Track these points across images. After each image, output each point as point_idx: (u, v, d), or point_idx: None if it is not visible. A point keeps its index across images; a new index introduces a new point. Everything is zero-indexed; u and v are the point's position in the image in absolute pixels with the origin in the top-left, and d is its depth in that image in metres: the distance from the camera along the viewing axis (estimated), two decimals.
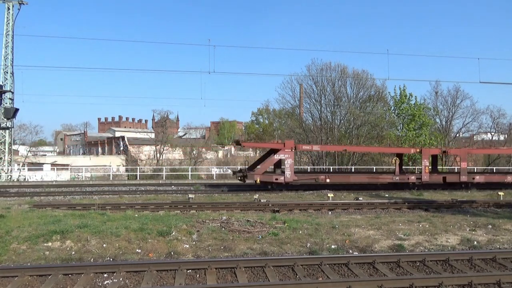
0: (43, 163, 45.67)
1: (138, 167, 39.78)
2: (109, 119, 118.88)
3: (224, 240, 9.81)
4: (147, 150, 59.19)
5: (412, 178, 23.17)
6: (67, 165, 48.19)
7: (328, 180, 22.46)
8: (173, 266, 7.48)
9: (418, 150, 25.04)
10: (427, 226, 11.73)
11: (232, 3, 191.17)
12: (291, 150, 22.22)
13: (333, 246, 9.56)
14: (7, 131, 34.19)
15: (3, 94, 32.77)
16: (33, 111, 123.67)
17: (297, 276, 7.31)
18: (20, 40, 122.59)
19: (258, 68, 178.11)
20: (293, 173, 22.02)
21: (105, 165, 47.73)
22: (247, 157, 67.99)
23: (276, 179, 21.69)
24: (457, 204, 15.93)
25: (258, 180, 21.41)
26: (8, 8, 34.34)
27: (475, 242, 10.13)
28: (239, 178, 22.67)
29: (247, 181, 22.62)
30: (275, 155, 22.33)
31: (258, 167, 23.76)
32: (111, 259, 8.54)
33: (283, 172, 22.09)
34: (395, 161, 23.82)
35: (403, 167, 27.28)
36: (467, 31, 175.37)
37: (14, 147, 42.06)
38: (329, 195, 17.58)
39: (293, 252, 9.18)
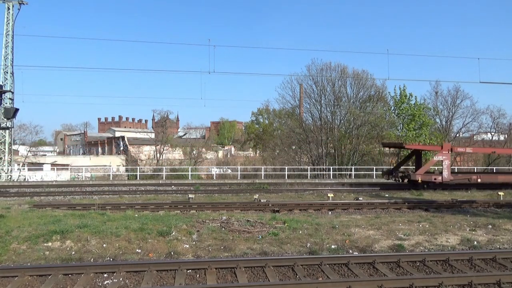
0: (43, 163, 45.66)
1: (138, 167, 39.77)
2: (109, 119, 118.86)
3: (224, 240, 9.81)
4: (147, 150, 59.22)
5: None
6: (67, 165, 48.19)
7: (479, 180, 23.70)
8: (173, 266, 7.47)
9: None
10: (427, 226, 11.72)
11: (232, 3, 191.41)
12: (448, 152, 23.65)
13: (333, 246, 9.56)
14: (7, 131, 34.17)
15: (3, 94, 32.74)
16: (33, 111, 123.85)
17: (297, 276, 7.31)
18: (20, 40, 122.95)
19: (258, 68, 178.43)
20: (449, 173, 23.56)
21: (105, 165, 47.72)
22: (246, 157, 68.15)
23: (435, 179, 23.12)
24: (457, 204, 15.94)
25: (420, 179, 22.80)
26: (8, 8, 34.32)
27: (475, 242, 10.12)
28: (397, 179, 23.97)
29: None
30: (435, 157, 24.17)
31: (404, 167, 27.17)
32: (111, 259, 8.53)
33: (440, 173, 23.53)
34: None
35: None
36: (467, 31, 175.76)
37: (14, 147, 42.04)
38: (329, 195, 17.59)
39: (293, 252, 9.17)
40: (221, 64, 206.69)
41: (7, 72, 34.04)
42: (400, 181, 23.85)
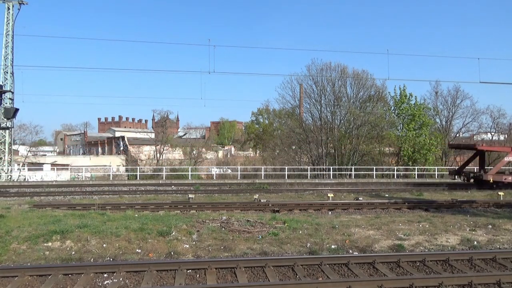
0: (43, 163, 45.64)
1: (138, 167, 39.76)
2: (109, 119, 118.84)
3: (224, 240, 9.81)
4: (147, 150, 59.19)
5: None
6: (67, 165, 48.17)
7: None
8: (173, 266, 7.47)
9: None
10: (427, 226, 11.72)
11: (232, 3, 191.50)
12: None
13: (333, 246, 9.55)
14: (7, 131, 34.16)
15: (3, 94, 32.73)
16: (33, 111, 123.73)
17: (297, 276, 7.30)
18: (20, 40, 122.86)
19: (258, 68, 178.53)
20: None
21: (105, 165, 47.69)
22: (246, 157, 68.15)
23: (505, 179, 24.00)
24: (457, 204, 15.94)
25: (491, 179, 23.70)
26: (8, 8, 34.31)
27: (475, 242, 10.12)
28: (467, 179, 24.78)
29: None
30: (505, 158, 25.00)
31: (469, 167, 28.46)
32: (111, 259, 8.53)
33: (510, 173, 24.92)
34: None
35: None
36: (467, 31, 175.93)
37: (14, 147, 42.01)
38: (329, 195, 17.60)
39: (293, 252, 9.17)
40: (221, 64, 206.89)
41: (7, 72, 34.02)
42: (469, 181, 24.61)
